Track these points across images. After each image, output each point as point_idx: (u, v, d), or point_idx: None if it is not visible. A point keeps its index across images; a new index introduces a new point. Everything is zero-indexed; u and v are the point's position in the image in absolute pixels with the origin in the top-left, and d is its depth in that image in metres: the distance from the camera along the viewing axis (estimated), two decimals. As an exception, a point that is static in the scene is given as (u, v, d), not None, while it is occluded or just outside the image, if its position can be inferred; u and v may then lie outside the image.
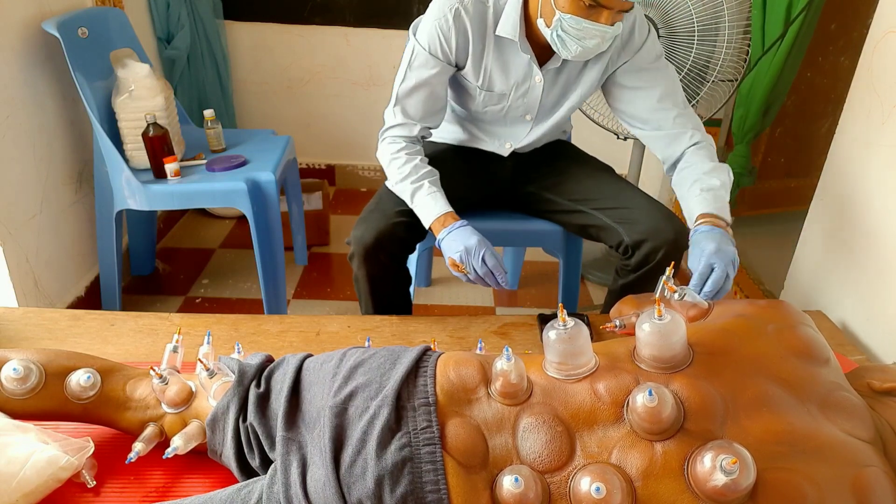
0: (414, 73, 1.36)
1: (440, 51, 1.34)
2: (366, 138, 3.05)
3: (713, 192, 1.28)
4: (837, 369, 0.87)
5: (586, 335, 0.84)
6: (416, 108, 1.39)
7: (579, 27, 1.20)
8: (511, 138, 1.52)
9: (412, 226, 1.38)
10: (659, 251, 1.37)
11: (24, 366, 0.93)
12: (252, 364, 0.94)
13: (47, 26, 1.69)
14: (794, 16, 1.83)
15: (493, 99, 1.44)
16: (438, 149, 1.59)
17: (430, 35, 1.34)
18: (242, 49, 2.85)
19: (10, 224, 1.66)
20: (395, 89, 1.40)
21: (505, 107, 1.45)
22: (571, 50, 1.26)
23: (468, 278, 1.28)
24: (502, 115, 1.48)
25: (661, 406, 0.74)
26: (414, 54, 1.36)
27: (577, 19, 1.19)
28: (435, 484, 0.75)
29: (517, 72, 1.39)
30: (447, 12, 1.31)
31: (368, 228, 1.36)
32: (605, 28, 1.20)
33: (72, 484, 0.92)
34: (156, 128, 1.75)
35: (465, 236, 1.27)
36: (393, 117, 1.41)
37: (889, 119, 1.37)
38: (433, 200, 1.33)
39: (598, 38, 1.22)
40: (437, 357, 0.89)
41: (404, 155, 1.38)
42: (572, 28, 1.21)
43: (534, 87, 1.41)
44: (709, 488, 0.70)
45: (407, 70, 1.37)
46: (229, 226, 2.71)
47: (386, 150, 1.41)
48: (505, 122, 1.50)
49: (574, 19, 1.20)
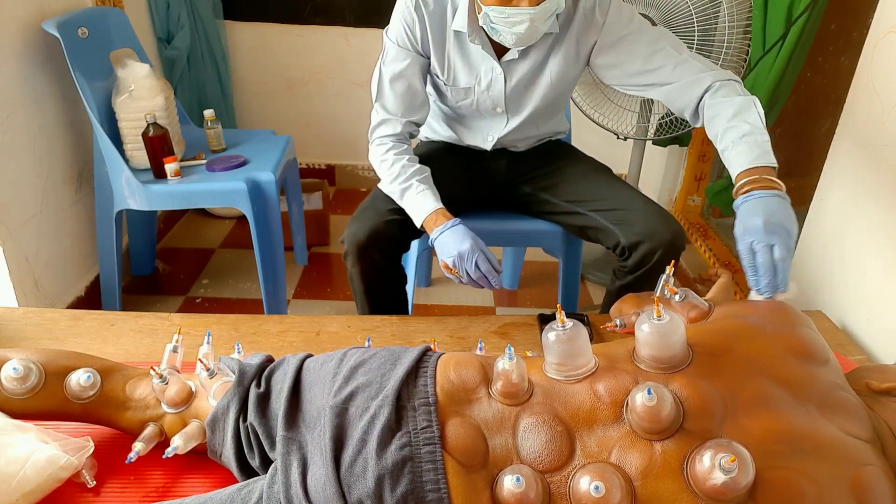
0: (388, 67, 1.39)
1: (408, 41, 1.36)
2: (365, 138, 3.03)
3: (745, 140, 1.14)
4: (837, 369, 0.87)
5: (585, 336, 0.84)
6: (395, 103, 1.40)
7: (503, 15, 1.22)
8: (491, 131, 1.53)
9: (405, 223, 1.38)
10: (655, 253, 1.37)
11: (24, 365, 0.93)
12: (252, 364, 0.94)
13: (47, 26, 1.69)
14: (796, 16, 1.83)
15: (461, 94, 1.45)
16: (433, 147, 1.60)
17: (396, 28, 1.36)
18: (242, 49, 2.85)
19: (10, 224, 1.66)
20: (374, 88, 1.42)
21: (473, 101, 1.46)
22: (507, 39, 1.27)
23: (461, 281, 1.29)
24: (474, 109, 1.48)
25: (661, 405, 0.74)
26: (385, 50, 1.39)
27: (498, 9, 1.21)
28: (435, 483, 0.75)
29: (478, 65, 1.40)
30: (409, 4, 1.34)
31: (361, 226, 1.37)
32: (527, 10, 1.20)
33: (72, 484, 0.92)
34: (156, 128, 1.75)
35: (458, 240, 1.27)
36: (376, 115, 1.43)
37: (889, 119, 1.37)
38: (423, 199, 1.33)
39: (526, 22, 1.22)
40: (438, 357, 0.89)
41: (392, 156, 1.38)
42: (497, 18, 1.23)
43: (495, 79, 1.41)
44: (708, 487, 0.70)
45: (381, 66, 1.39)
46: (229, 226, 2.71)
47: (375, 153, 1.43)
48: (481, 116, 1.51)
49: (495, 9, 1.22)
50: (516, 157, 1.58)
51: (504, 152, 1.57)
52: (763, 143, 1.14)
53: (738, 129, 1.16)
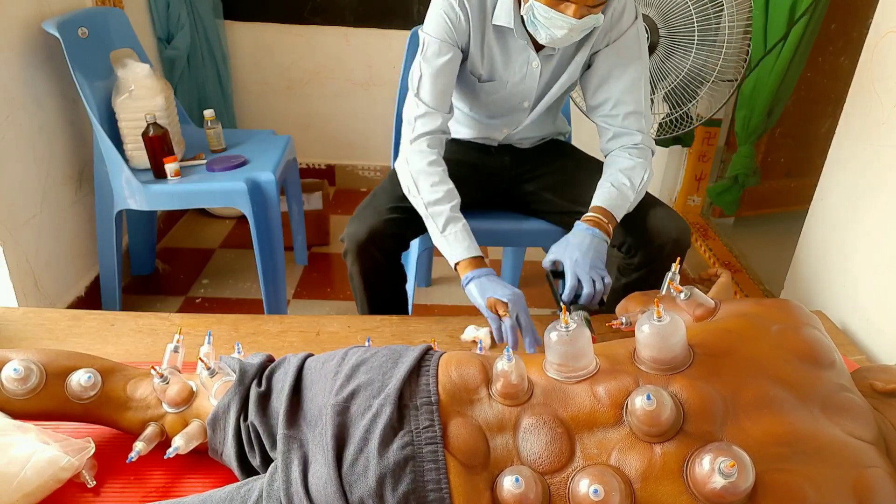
0: (429, 62, 1.36)
1: (449, 36, 1.35)
2: (366, 138, 3.05)
3: (619, 188, 1.34)
4: (843, 371, 0.86)
5: (587, 338, 0.84)
6: (436, 98, 1.37)
7: (547, 15, 1.23)
8: (508, 125, 1.53)
9: (405, 222, 1.38)
10: (663, 250, 1.37)
11: (25, 366, 0.93)
12: (253, 363, 0.94)
13: (47, 26, 1.69)
14: (798, 16, 1.83)
15: (495, 87, 1.45)
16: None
17: (438, 23, 1.35)
18: (242, 49, 2.85)
19: (10, 224, 1.66)
20: (414, 83, 1.37)
21: (505, 95, 1.46)
22: (543, 36, 1.28)
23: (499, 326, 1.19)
24: (502, 103, 1.48)
25: (660, 409, 0.74)
26: (426, 45, 1.36)
27: (546, 8, 1.22)
28: (437, 483, 0.75)
29: (517, 58, 1.40)
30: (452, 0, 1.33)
31: (361, 225, 1.37)
32: (571, 20, 1.21)
33: (72, 484, 0.92)
34: (156, 128, 1.75)
35: (503, 284, 1.22)
36: (415, 108, 1.37)
37: (889, 119, 1.37)
38: (468, 239, 1.29)
39: (565, 30, 1.24)
40: (439, 356, 0.89)
41: (440, 172, 1.33)
42: (541, 15, 1.24)
43: (531, 72, 1.41)
44: (707, 490, 0.70)
45: (421, 61, 1.36)
46: (229, 226, 2.71)
47: (418, 160, 1.34)
48: (504, 111, 1.51)
49: (543, 7, 1.23)
50: (520, 154, 1.59)
51: (509, 148, 1.57)
52: (627, 201, 1.36)
53: (621, 178, 1.37)
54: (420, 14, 2.77)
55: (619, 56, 1.40)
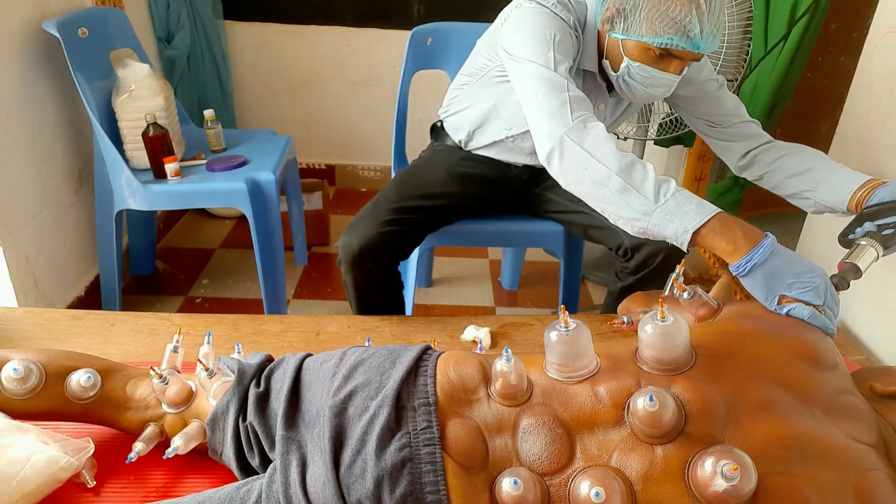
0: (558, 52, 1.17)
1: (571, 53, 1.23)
2: (366, 138, 3.05)
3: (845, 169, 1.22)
4: (845, 374, 0.86)
5: (588, 337, 0.83)
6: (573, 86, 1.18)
7: (647, 75, 1.18)
8: None
9: (404, 233, 1.36)
10: (658, 255, 1.37)
11: (25, 366, 0.93)
12: (252, 364, 0.94)
13: (47, 26, 1.69)
14: (799, 16, 1.83)
15: None
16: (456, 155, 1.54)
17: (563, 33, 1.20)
18: (242, 49, 2.85)
19: (10, 224, 1.66)
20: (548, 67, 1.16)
21: None
22: (637, 95, 1.24)
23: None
24: None
25: (662, 410, 0.73)
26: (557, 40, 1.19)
27: (646, 68, 1.17)
28: (435, 485, 0.75)
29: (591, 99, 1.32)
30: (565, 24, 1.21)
31: (355, 236, 1.35)
32: (673, 77, 1.18)
33: (72, 484, 0.92)
34: (156, 128, 1.75)
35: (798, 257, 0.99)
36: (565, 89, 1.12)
37: (889, 119, 1.37)
38: (695, 196, 1.04)
39: (664, 87, 1.21)
40: (437, 356, 0.88)
41: (615, 141, 1.13)
42: (640, 75, 1.19)
43: (597, 114, 1.34)
44: (709, 493, 0.70)
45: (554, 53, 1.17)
46: (229, 226, 2.71)
47: (593, 135, 1.08)
48: None
49: (643, 68, 1.18)
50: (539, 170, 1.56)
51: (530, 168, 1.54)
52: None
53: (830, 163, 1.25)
54: (420, 14, 2.78)
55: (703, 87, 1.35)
